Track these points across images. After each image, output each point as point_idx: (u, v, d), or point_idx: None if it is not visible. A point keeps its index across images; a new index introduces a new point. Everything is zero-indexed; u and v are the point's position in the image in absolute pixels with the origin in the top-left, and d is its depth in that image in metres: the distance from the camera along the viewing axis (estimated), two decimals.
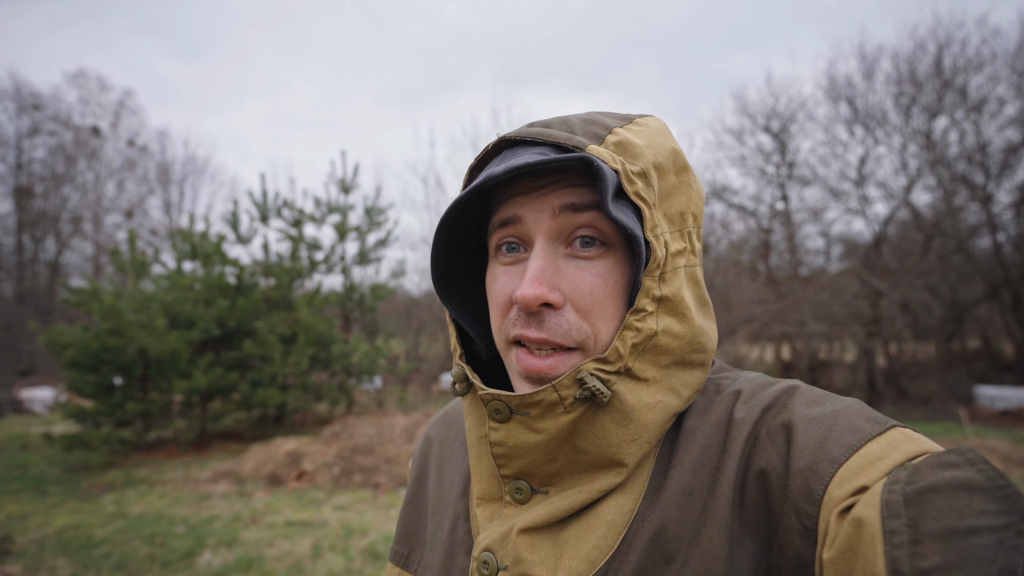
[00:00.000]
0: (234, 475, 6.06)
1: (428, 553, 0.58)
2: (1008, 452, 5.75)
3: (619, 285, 0.47)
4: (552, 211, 0.46)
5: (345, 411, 10.16)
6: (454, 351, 0.55)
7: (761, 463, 0.43)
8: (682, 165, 0.50)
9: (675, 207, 0.49)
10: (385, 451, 6.34)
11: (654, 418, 0.47)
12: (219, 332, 7.88)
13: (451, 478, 0.60)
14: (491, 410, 0.47)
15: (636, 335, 0.45)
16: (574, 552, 0.46)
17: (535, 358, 0.46)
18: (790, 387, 0.48)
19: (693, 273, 0.50)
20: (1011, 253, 10.91)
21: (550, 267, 0.46)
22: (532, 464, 0.48)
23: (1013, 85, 10.37)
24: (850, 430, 0.41)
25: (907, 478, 0.35)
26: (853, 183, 11.21)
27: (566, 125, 0.48)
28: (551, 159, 0.42)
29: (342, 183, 10.83)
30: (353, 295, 10.56)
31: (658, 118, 0.53)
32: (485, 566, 0.49)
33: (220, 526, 4.46)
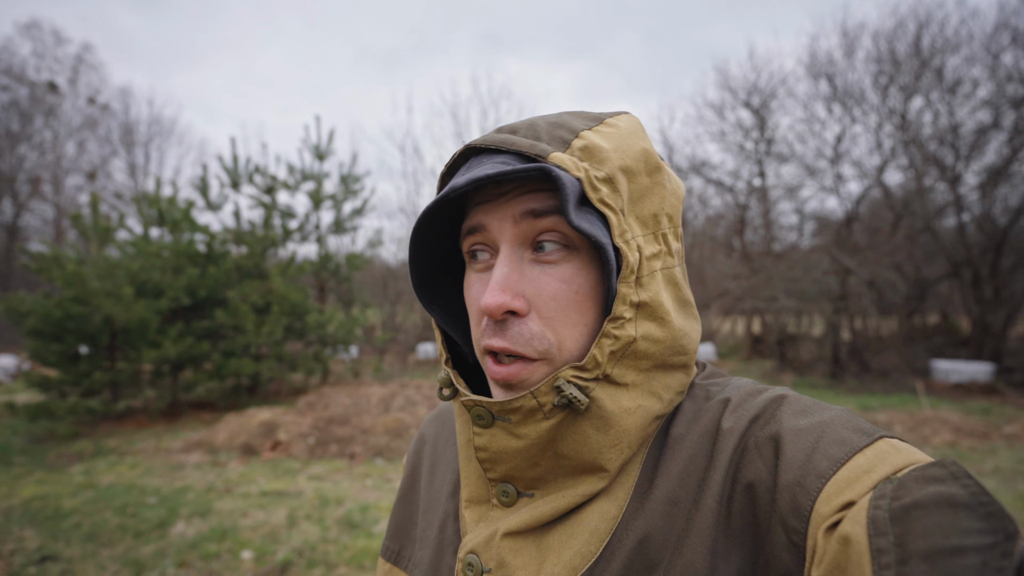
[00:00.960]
0: (207, 445, 6.02)
1: (418, 550, 0.59)
2: (959, 423, 6.06)
3: (584, 289, 0.46)
4: (514, 218, 0.46)
5: (320, 381, 10.12)
6: (440, 356, 0.55)
7: (749, 476, 0.43)
8: (654, 165, 0.49)
9: (648, 209, 0.48)
10: (361, 421, 6.36)
11: (634, 422, 0.46)
12: (189, 301, 7.70)
13: (443, 477, 0.61)
14: (474, 416, 0.48)
15: (614, 343, 0.44)
16: (557, 558, 0.47)
17: (500, 366, 0.46)
18: (778, 396, 0.47)
19: (671, 275, 0.49)
20: (974, 233, 11.28)
21: (515, 273, 0.46)
22: (516, 468, 0.48)
23: (987, 67, 10.54)
24: (837, 442, 0.40)
25: (892, 493, 0.35)
26: (829, 161, 11.35)
27: (532, 130, 0.47)
28: (510, 170, 0.41)
29: (316, 149, 10.53)
30: (328, 264, 10.40)
31: (631, 116, 0.52)
32: (470, 568, 0.50)
33: (193, 496, 4.44)
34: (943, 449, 5.40)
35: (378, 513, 3.97)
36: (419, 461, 0.67)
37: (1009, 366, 10.18)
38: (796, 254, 10.93)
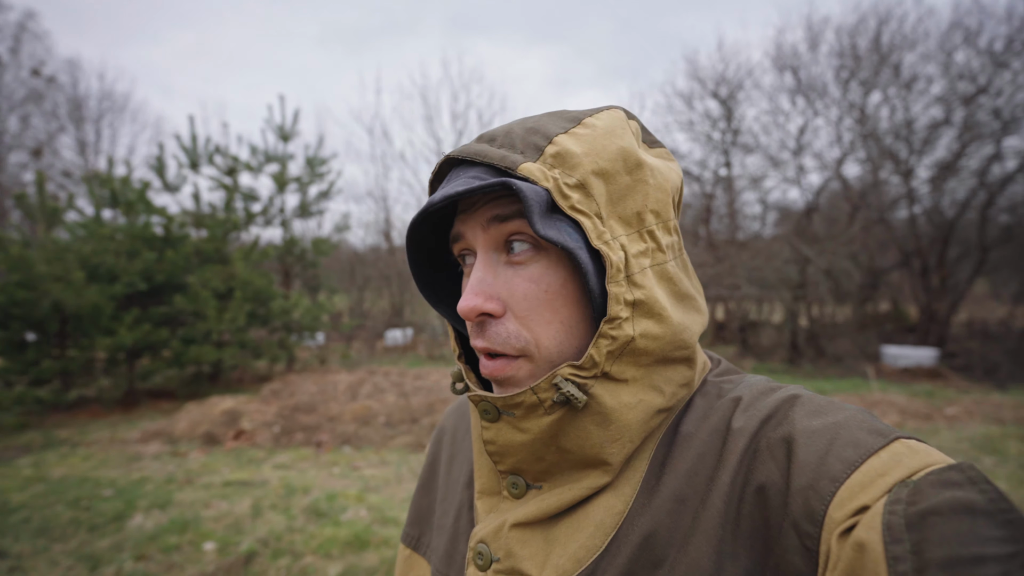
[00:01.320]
0: (166, 435, 5.85)
1: (435, 538, 0.62)
2: (905, 405, 6.40)
3: (553, 288, 0.47)
4: (482, 225, 0.48)
5: (286, 369, 9.93)
6: (453, 351, 0.57)
7: (760, 478, 0.43)
8: (635, 163, 0.48)
9: (630, 208, 0.48)
10: (328, 409, 6.28)
11: (635, 417, 0.47)
12: (145, 286, 7.40)
13: (459, 468, 0.63)
14: (480, 410, 0.49)
15: (612, 343, 0.45)
16: (562, 550, 0.48)
17: (489, 362, 0.48)
18: (791, 396, 0.47)
19: (663, 270, 0.49)
20: (924, 224, 11.81)
21: (489, 277, 0.47)
22: (523, 462, 0.50)
23: (941, 64, 10.95)
24: (852, 444, 0.40)
25: (908, 498, 0.34)
26: (792, 152, 11.66)
27: (508, 139, 0.48)
28: (476, 187, 0.43)
29: (280, 130, 10.19)
30: (294, 249, 10.15)
31: (612, 112, 0.51)
32: (480, 556, 0.51)
33: (152, 487, 4.32)
34: None
35: (345, 501, 3.95)
36: (439, 451, 0.69)
37: (952, 351, 10.77)
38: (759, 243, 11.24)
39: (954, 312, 11.68)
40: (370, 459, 5.04)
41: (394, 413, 6.07)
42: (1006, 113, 10.12)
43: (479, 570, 0.51)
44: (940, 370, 9.46)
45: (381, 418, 5.98)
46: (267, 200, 10.00)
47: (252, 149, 9.89)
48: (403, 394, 7.17)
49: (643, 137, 0.54)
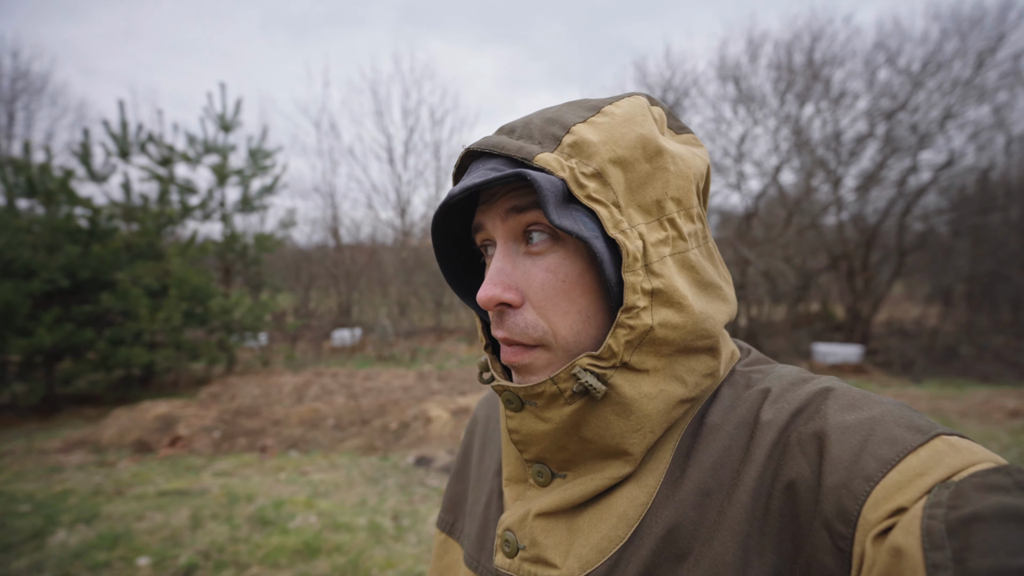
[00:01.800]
0: (92, 443, 5.43)
1: (468, 523, 0.63)
2: None
3: (571, 278, 0.47)
4: (501, 216, 0.48)
5: (226, 371, 9.44)
6: (480, 342, 0.57)
7: (790, 474, 0.41)
8: (655, 150, 0.47)
9: (650, 196, 0.47)
10: (272, 412, 6.02)
11: (656, 407, 0.46)
12: (68, 283, 6.84)
13: (491, 456, 0.64)
14: (504, 400, 0.49)
15: (629, 332, 0.44)
16: (585, 540, 0.48)
17: (508, 349, 0.49)
18: (824, 389, 0.45)
19: (684, 259, 0.48)
20: (851, 230, 12.66)
21: (508, 267, 0.48)
22: (546, 450, 0.50)
23: (865, 81, 11.78)
24: (888, 441, 0.38)
25: (949, 502, 0.32)
26: (733, 159, 12.20)
27: (527, 130, 0.48)
28: (492, 179, 0.44)
29: (221, 120, 9.68)
30: (235, 245, 9.67)
31: (633, 99, 0.50)
32: (507, 544, 0.52)
33: (76, 501, 3.99)
34: None
35: (293, 508, 3.79)
36: (471, 440, 0.70)
37: (874, 348, 11.61)
38: None
39: (876, 312, 12.59)
40: (319, 463, 4.87)
41: (343, 415, 5.90)
42: (922, 128, 11.01)
43: (507, 557, 0.52)
44: (864, 366, 10.18)
45: (330, 421, 5.80)
46: (206, 193, 9.48)
47: (190, 139, 9.34)
48: (352, 396, 6.98)
49: (669, 123, 0.54)
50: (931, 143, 11.09)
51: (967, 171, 11.74)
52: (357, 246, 16.71)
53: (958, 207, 11.75)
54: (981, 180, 11.84)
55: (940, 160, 11.39)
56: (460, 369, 9.73)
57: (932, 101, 11.07)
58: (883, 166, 11.71)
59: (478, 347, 13.61)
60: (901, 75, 11.37)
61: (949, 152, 11.29)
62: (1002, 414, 5.97)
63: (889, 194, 12.01)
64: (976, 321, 12.40)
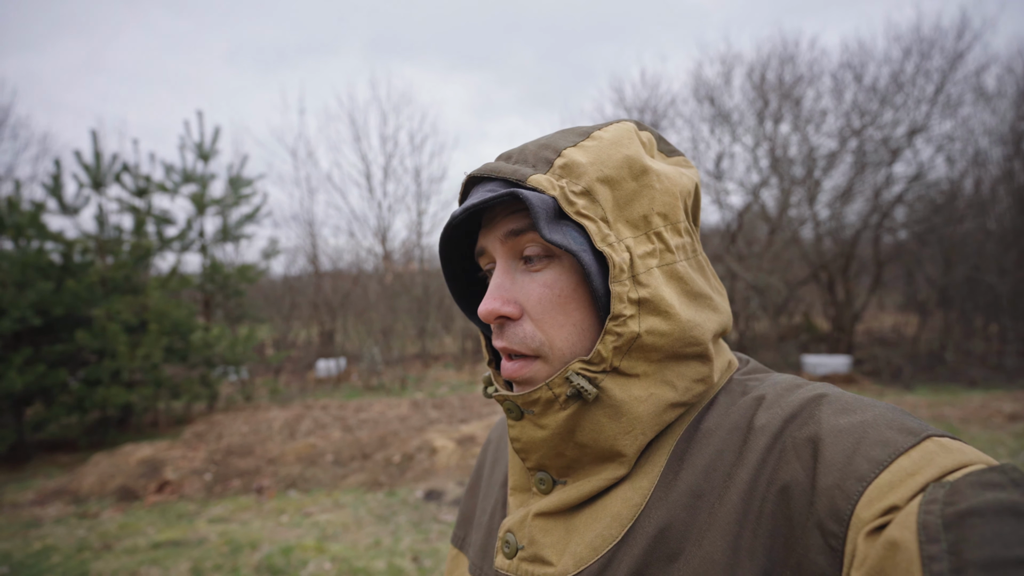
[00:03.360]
0: (70, 493, 5.03)
1: (474, 534, 0.65)
2: None
3: (566, 291, 0.50)
4: (500, 239, 0.52)
5: (208, 408, 8.99)
6: (484, 357, 0.60)
7: (785, 477, 0.42)
8: (640, 169, 0.51)
9: (637, 212, 0.50)
10: (266, 450, 5.70)
11: (646, 410, 0.48)
12: (40, 321, 6.44)
13: (499, 471, 0.66)
14: (506, 409, 0.52)
15: (617, 339, 0.47)
16: (580, 538, 0.49)
17: (508, 363, 0.52)
18: (818, 395, 0.46)
19: (672, 270, 0.50)
20: (829, 243, 12.98)
21: (507, 282, 0.51)
22: (545, 457, 0.52)
23: (834, 100, 12.23)
24: (880, 443, 0.39)
25: (945, 498, 0.33)
26: (713, 177, 12.44)
27: (522, 155, 0.52)
28: (487, 199, 0.48)
29: (199, 148, 9.42)
30: (216, 277, 9.33)
31: (620, 125, 0.54)
32: (507, 545, 0.54)
33: (59, 559, 3.64)
34: None
35: (304, 554, 3.52)
36: (484, 458, 0.73)
37: (860, 358, 11.80)
38: None
39: (857, 322, 12.84)
40: (322, 503, 4.58)
41: (342, 450, 5.62)
42: (892, 143, 11.43)
43: (506, 558, 0.54)
44: (853, 376, 10.30)
45: (328, 456, 5.51)
46: (185, 224, 9.16)
47: (168, 168, 9.06)
48: (348, 428, 6.69)
49: (659, 146, 0.58)
50: (902, 156, 11.52)
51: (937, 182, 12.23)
52: (338, 274, 16.40)
53: (928, 217, 12.17)
54: (951, 190, 12.32)
55: (910, 172, 11.84)
56: (454, 396, 9.48)
57: (899, 117, 11.55)
58: (855, 181, 12.10)
59: (467, 372, 13.34)
60: (868, 93, 11.86)
61: (918, 165, 11.75)
62: (1001, 418, 6.05)
63: (863, 207, 12.40)
64: (953, 327, 12.76)
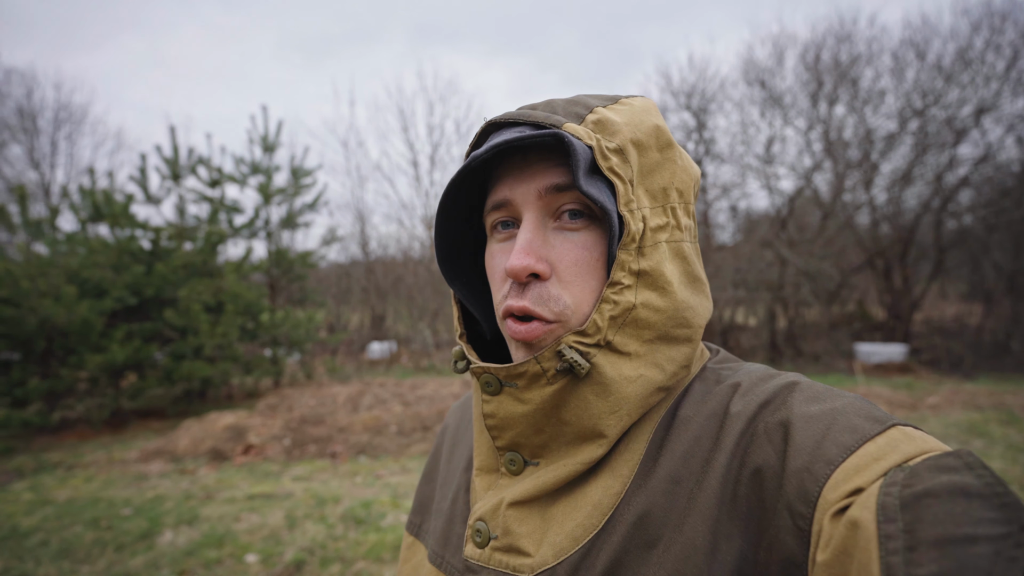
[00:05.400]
0: (168, 453, 5.64)
1: (433, 521, 0.63)
2: (890, 396, 6.78)
3: (603, 258, 0.48)
4: (538, 192, 0.48)
5: (274, 383, 9.68)
6: (456, 330, 0.57)
7: (757, 461, 0.43)
8: (666, 142, 0.51)
9: (657, 183, 0.49)
10: (335, 420, 6.19)
11: (635, 391, 0.48)
12: (135, 301, 7.14)
13: (460, 455, 0.65)
14: (483, 383, 0.50)
15: (614, 307, 0.46)
16: (559, 528, 0.48)
17: (520, 324, 0.48)
18: (790, 383, 0.47)
19: (679, 248, 0.50)
20: (885, 228, 12.54)
21: (538, 239, 0.48)
22: (521, 435, 0.50)
23: (895, 79, 11.74)
24: (848, 430, 0.40)
25: (903, 481, 0.35)
26: (763, 162, 12.21)
27: (550, 107, 0.50)
28: (526, 136, 0.44)
29: (264, 141, 10.03)
30: (281, 262, 9.96)
31: (646, 98, 0.54)
32: (478, 534, 0.52)
33: (172, 505, 4.17)
34: None
35: (382, 508, 3.92)
36: (441, 443, 0.71)
37: (917, 347, 11.44)
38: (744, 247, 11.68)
39: (916, 310, 12.41)
40: (390, 467, 5.00)
41: (404, 422, 6.04)
42: (957, 123, 10.91)
43: (477, 547, 0.52)
44: (910, 365, 10.03)
45: (392, 427, 5.94)
46: (253, 212, 9.80)
47: (238, 160, 9.71)
48: (407, 403, 7.13)
49: None
50: (966, 137, 10.99)
51: (1007, 164, 11.59)
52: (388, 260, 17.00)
53: (997, 201, 11.58)
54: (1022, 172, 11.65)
55: (977, 154, 11.27)
56: None
57: (965, 96, 11.00)
58: (916, 163, 11.62)
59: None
60: (931, 71, 11.33)
61: (986, 146, 11.17)
62: None
63: (925, 191, 11.90)
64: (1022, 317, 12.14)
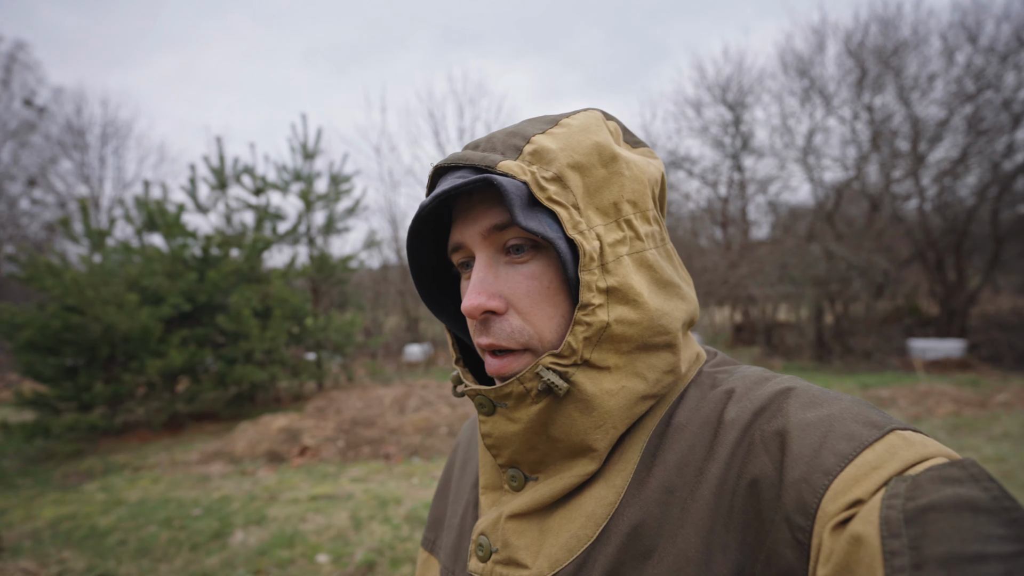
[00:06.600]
0: (226, 455, 5.78)
1: (445, 536, 0.64)
2: (956, 395, 6.48)
3: (555, 283, 0.49)
4: (482, 234, 0.50)
5: (318, 386, 9.86)
6: (452, 356, 0.59)
7: (754, 471, 0.42)
8: (609, 156, 0.50)
9: (607, 199, 0.49)
10: (386, 422, 6.25)
11: (617, 403, 0.48)
12: (189, 307, 7.36)
13: (470, 471, 0.65)
14: (477, 404, 0.51)
15: (587, 329, 0.46)
16: (555, 539, 0.49)
17: (494, 359, 0.49)
18: (785, 388, 0.47)
19: (643, 258, 0.50)
20: (936, 219, 12.04)
21: (490, 277, 0.49)
22: (517, 453, 0.51)
23: (944, 63, 11.26)
24: (846, 437, 0.39)
25: (907, 493, 0.34)
26: (803, 153, 11.87)
27: (490, 143, 0.51)
28: (458, 185, 0.46)
29: (304, 148, 10.24)
30: (324, 267, 10.14)
31: (589, 112, 0.54)
32: (480, 548, 0.53)
33: (239, 505, 4.27)
34: (948, 419, 5.76)
35: None
36: (453, 460, 0.72)
37: (975, 342, 10.92)
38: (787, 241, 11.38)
39: (973, 304, 11.86)
40: None
41: (455, 423, 6.05)
42: (1015, 107, 10.40)
43: (480, 561, 0.53)
44: (969, 361, 9.58)
45: (443, 429, 5.96)
46: (296, 218, 10.02)
47: (282, 168, 9.93)
48: (453, 405, 7.15)
49: (624, 137, 0.56)
50: None
51: None
52: None
53: None
54: None
55: None
56: None
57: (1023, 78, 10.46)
58: (969, 150, 11.12)
59: None
60: (985, 53, 10.82)
61: None
62: None
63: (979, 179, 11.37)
64: None
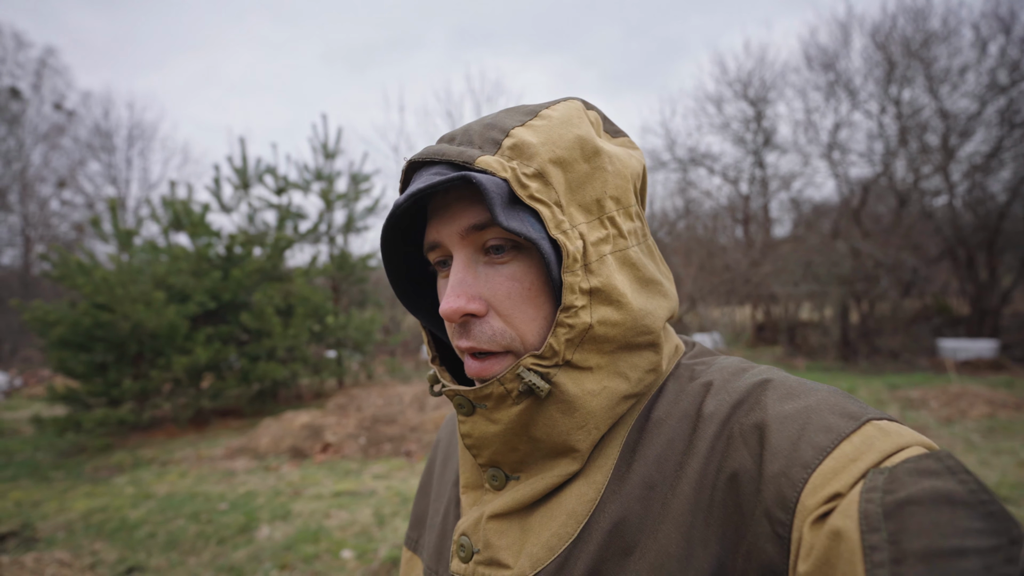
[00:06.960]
0: (251, 451, 5.87)
1: (428, 536, 0.63)
2: (990, 396, 6.28)
3: (537, 284, 0.47)
4: (460, 234, 0.47)
5: (338, 384, 9.96)
6: (428, 355, 0.57)
7: (733, 465, 0.42)
8: (592, 150, 0.48)
9: (590, 195, 0.47)
10: (407, 419, 6.28)
11: (600, 404, 0.47)
12: (214, 305, 7.49)
13: (451, 469, 0.65)
14: (456, 404, 0.50)
15: (569, 331, 0.45)
16: (536, 538, 0.48)
17: (475, 361, 0.48)
18: (763, 380, 0.46)
19: (625, 256, 0.48)
20: (967, 216, 11.70)
21: (469, 278, 0.47)
22: (498, 453, 0.50)
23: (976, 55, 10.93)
24: (823, 429, 0.39)
25: (884, 486, 0.34)
26: (827, 148, 11.63)
27: (467, 136, 0.48)
28: (434, 183, 0.43)
29: (324, 148, 10.34)
30: (344, 265, 10.24)
31: (570, 103, 0.51)
32: (462, 549, 0.52)
33: (264, 500, 4.32)
34: (982, 421, 5.59)
35: None
36: (435, 457, 0.72)
37: (1007, 343, 10.59)
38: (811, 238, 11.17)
39: (1006, 303, 11.51)
40: None
41: None
42: None
43: (462, 562, 0.52)
44: (1002, 361, 9.30)
45: None
46: (317, 217, 10.12)
47: (303, 167, 10.05)
48: None
49: (604, 127, 0.54)
50: None
51: None
52: None
53: None
54: None
55: None
56: None
57: None
58: (1003, 144, 10.77)
59: None
60: (1019, 44, 10.47)
61: None
62: None
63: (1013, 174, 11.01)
64: None
